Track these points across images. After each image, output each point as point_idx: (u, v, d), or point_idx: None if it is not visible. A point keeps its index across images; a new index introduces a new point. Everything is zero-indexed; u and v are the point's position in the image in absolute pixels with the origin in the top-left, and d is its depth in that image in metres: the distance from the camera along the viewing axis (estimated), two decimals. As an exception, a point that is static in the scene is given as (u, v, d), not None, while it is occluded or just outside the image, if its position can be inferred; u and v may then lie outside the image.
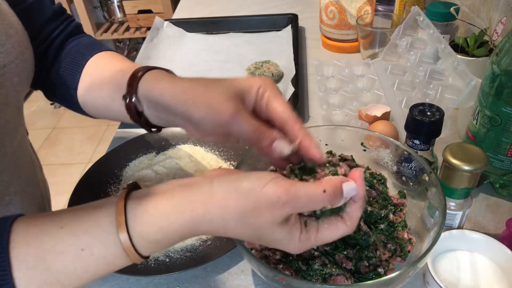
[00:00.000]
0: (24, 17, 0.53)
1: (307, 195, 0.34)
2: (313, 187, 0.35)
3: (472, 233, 0.54)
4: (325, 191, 0.34)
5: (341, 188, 0.35)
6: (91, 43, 0.61)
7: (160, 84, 0.45)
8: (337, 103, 0.85)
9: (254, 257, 0.43)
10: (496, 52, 0.57)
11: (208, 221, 0.35)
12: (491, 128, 0.60)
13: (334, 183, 0.35)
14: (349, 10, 1.01)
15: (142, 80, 0.47)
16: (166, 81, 0.45)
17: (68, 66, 0.58)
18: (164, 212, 0.35)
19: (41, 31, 0.59)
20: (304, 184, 0.35)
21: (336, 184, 0.35)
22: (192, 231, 0.36)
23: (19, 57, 0.50)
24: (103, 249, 0.34)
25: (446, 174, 0.53)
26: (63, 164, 2.31)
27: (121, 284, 0.56)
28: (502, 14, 0.81)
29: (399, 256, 0.49)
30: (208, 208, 0.35)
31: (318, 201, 0.35)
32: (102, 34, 2.74)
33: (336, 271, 0.45)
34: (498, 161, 0.62)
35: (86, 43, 0.61)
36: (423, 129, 0.55)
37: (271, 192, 0.34)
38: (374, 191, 0.54)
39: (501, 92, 0.57)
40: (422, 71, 0.78)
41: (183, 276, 0.57)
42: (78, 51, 0.59)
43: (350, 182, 0.36)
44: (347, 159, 0.56)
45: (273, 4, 1.34)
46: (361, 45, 1.00)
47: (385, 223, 0.51)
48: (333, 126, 0.59)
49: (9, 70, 0.48)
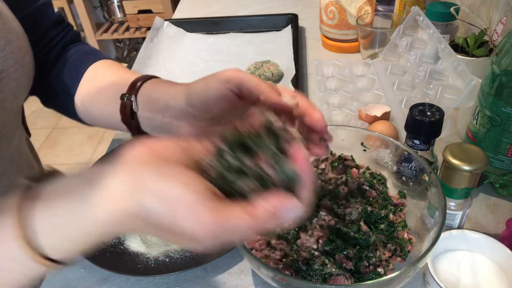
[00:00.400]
0: (26, 23, 0.54)
1: (235, 235, 0.29)
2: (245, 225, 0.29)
3: (472, 233, 0.54)
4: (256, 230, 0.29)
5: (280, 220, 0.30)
6: (91, 51, 0.62)
7: (164, 84, 0.48)
8: (337, 103, 0.85)
9: (254, 257, 0.43)
10: (496, 52, 0.57)
11: (114, 225, 0.31)
12: (491, 128, 0.60)
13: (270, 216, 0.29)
14: (349, 10, 1.01)
15: (145, 84, 0.50)
16: (169, 83, 0.48)
17: (68, 73, 0.59)
18: (64, 221, 0.31)
19: (42, 38, 0.59)
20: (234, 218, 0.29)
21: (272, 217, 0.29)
22: (104, 234, 0.32)
23: (19, 62, 0.50)
24: (13, 263, 0.32)
25: (446, 174, 0.53)
26: (63, 164, 2.31)
27: (121, 284, 0.56)
28: (502, 14, 0.81)
29: (399, 256, 0.49)
30: (111, 212, 0.30)
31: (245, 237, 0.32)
32: (102, 34, 2.74)
33: (336, 271, 0.45)
34: (498, 161, 0.62)
35: (86, 51, 0.61)
36: (423, 129, 0.55)
37: (189, 228, 0.28)
38: (374, 191, 0.54)
39: (501, 92, 0.57)
40: (422, 71, 0.78)
41: (183, 276, 0.57)
42: (78, 58, 0.60)
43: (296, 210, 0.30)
44: (347, 159, 0.57)
45: (273, 4, 1.34)
46: (361, 45, 1.00)
47: (385, 223, 0.51)
48: (333, 126, 0.59)
49: (6, 75, 0.48)
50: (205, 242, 0.29)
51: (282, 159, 0.31)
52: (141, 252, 0.58)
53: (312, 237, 0.47)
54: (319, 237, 0.47)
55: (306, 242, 0.47)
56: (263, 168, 0.31)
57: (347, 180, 0.53)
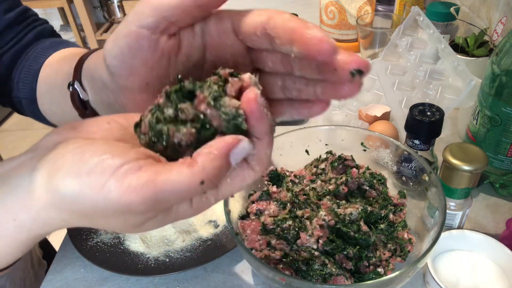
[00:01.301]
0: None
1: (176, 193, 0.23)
2: (185, 178, 0.23)
3: (472, 233, 0.54)
4: (203, 183, 0.23)
5: (226, 161, 0.24)
6: (49, 46, 0.53)
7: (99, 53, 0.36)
8: (337, 103, 0.85)
9: (254, 257, 0.43)
10: (496, 52, 0.57)
11: (44, 224, 0.26)
12: (491, 128, 0.60)
13: (212, 158, 0.23)
14: (349, 10, 1.01)
15: (87, 61, 0.39)
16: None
17: (24, 77, 0.52)
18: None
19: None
20: (169, 174, 0.23)
21: (215, 158, 0.23)
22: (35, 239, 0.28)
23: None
24: None
25: (446, 174, 0.53)
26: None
27: (121, 284, 0.56)
28: (502, 14, 0.81)
29: (399, 256, 0.49)
30: (34, 213, 0.26)
31: (193, 194, 0.24)
32: (102, 34, 2.74)
33: (336, 271, 0.45)
34: (498, 161, 0.62)
35: (44, 46, 0.53)
36: (423, 129, 0.55)
37: (115, 198, 0.23)
38: (374, 191, 0.54)
39: (501, 92, 0.57)
40: (422, 71, 0.78)
41: (183, 276, 0.57)
42: (33, 58, 0.52)
43: (238, 143, 0.24)
44: (347, 159, 0.56)
45: (273, 4, 1.34)
46: (361, 45, 1.00)
47: (385, 223, 0.51)
48: (333, 126, 0.59)
49: None
50: (140, 209, 0.23)
51: (224, 97, 0.25)
52: (141, 252, 0.58)
53: (312, 237, 0.47)
54: (319, 237, 0.47)
55: (306, 242, 0.47)
56: (200, 109, 0.25)
57: (347, 180, 0.53)
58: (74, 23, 2.72)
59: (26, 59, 0.53)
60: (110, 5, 2.79)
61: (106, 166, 0.23)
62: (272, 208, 0.51)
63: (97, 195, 0.23)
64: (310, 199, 0.52)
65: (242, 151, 0.24)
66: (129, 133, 0.28)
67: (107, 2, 2.78)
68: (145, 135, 0.26)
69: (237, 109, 0.24)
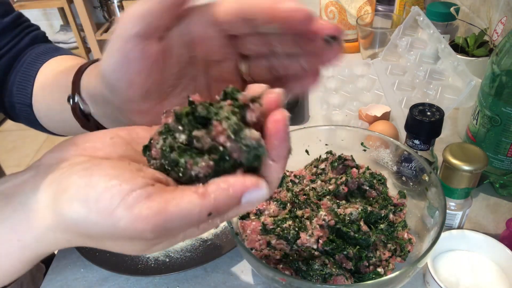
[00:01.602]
0: None
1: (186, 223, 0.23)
2: (196, 209, 0.23)
3: (472, 233, 0.54)
4: (211, 214, 0.23)
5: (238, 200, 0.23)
6: (44, 51, 0.53)
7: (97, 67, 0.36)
8: (337, 103, 0.85)
9: (254, 257, 0.43)
10: (496, 52, 0.57)
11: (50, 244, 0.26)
12: (491, 128, 0.60)
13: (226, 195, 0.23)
14: (349, 10, 1.01)
15: (84, 78, 0.38)
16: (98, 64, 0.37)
17: (18, 82, 0.52)
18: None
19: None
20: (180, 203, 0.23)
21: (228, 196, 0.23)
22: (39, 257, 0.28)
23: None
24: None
25: (446, 174, 0.53)
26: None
27: (121, 284, 0.56)
28: (502, 14, 0.81)
29: (399, 256, 0.49)
30: (39, 234, 0.25)
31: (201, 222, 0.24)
32: (102, 34, 2.74)
33: (336, 271, 0.45)
34: (498, 161, 0.62)
35: (39, 52, 0.53)
36: (423, 129, 0.55)
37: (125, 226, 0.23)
38: (374, 191, 0.54)
39: (501, 92, 0.57)
40: (422, 71, 0.78)
41: (183, 276, 0.57)
42: (29, 63, 0.52)
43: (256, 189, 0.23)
44: (347, 159, 0.56)
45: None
46: (361, 45, 1.00)
47: (385, 223, 0.51)
48: (333, 126, 0.59)
49: None
50: (150, 236, 0.23)
51: (244, 130, 0.24)
52: (141, 252, 0.58)
53: (312, 237, 0.47)
54: (319, 237, 0.47)
55: (306, 242, 0.47)
56: (219, 140, 0.24)
57: (347, 180, 0.53)
58: (74, 23, 2.72)
59: (21, 63, 0.53)
60: (110, 5, 2.79)
61: (115, 192, 0.23)
62: (272, 208, 0.51)
63: (105, 222, 0.23)
64: (310, 199, 0.52)
65: (257, 198, 0.24)
66: (132, 149, 0.28)
67: (107, 2, 2.78)
68: (156, 160, 0.26)
69: (258, 140, 0.24)
